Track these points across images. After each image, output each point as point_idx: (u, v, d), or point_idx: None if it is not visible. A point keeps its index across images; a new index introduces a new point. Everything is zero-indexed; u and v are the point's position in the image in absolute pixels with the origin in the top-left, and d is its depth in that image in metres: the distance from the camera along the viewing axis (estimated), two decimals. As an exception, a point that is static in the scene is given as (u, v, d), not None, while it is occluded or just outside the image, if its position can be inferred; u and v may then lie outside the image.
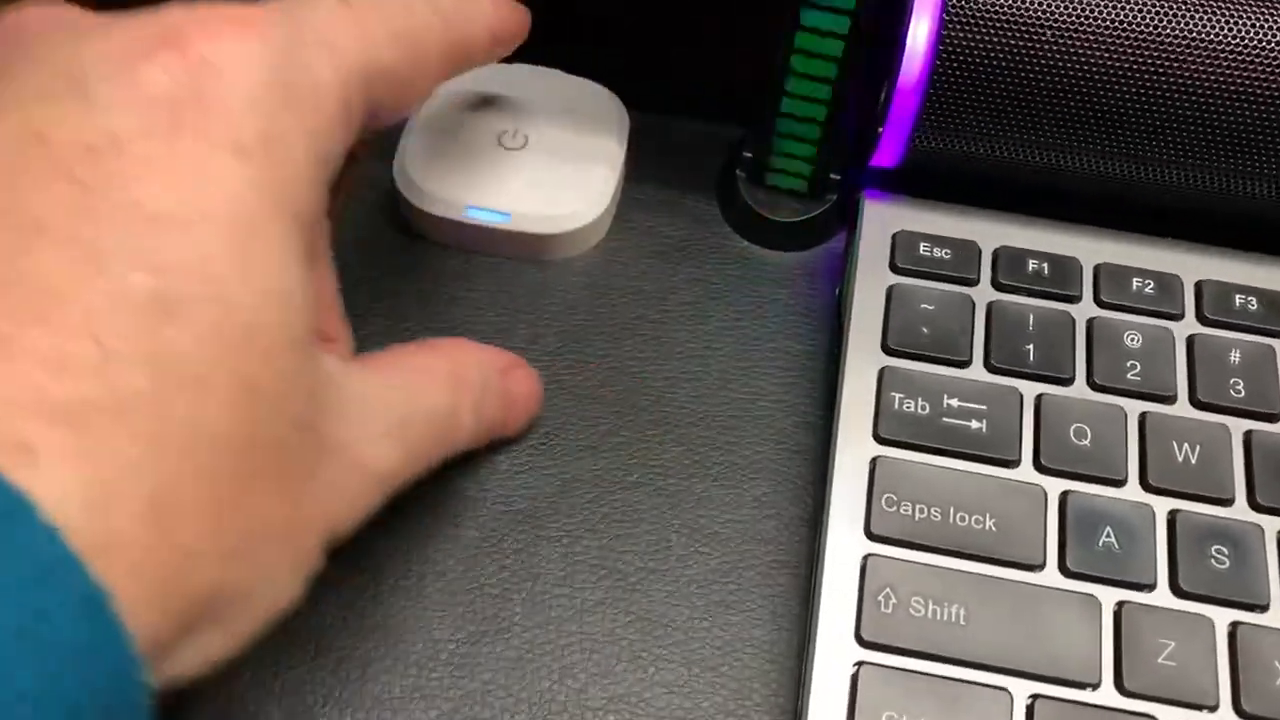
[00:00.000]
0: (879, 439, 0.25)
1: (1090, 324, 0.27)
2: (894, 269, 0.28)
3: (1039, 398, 0.26)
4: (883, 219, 0.29)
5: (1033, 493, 0.25)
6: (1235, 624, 0.23)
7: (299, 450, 0.19)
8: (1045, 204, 0.29)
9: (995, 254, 0.28)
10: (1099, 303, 0.28)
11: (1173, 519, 0.24)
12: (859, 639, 0.23)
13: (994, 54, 0.26)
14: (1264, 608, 0.23)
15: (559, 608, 0.25)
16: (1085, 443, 0.25)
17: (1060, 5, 0.26)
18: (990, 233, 0.29)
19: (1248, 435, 0.26)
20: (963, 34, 0.26)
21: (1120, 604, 0.23)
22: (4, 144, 0.17)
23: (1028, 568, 0.24)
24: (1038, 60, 0.26)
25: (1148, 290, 0.28)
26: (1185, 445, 0.25)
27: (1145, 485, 0.25)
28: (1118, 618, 0.23)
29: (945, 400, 0.26)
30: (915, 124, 0.28)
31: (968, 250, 0.28)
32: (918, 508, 0.24)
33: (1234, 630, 0.23)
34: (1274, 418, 0.26)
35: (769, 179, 0.31)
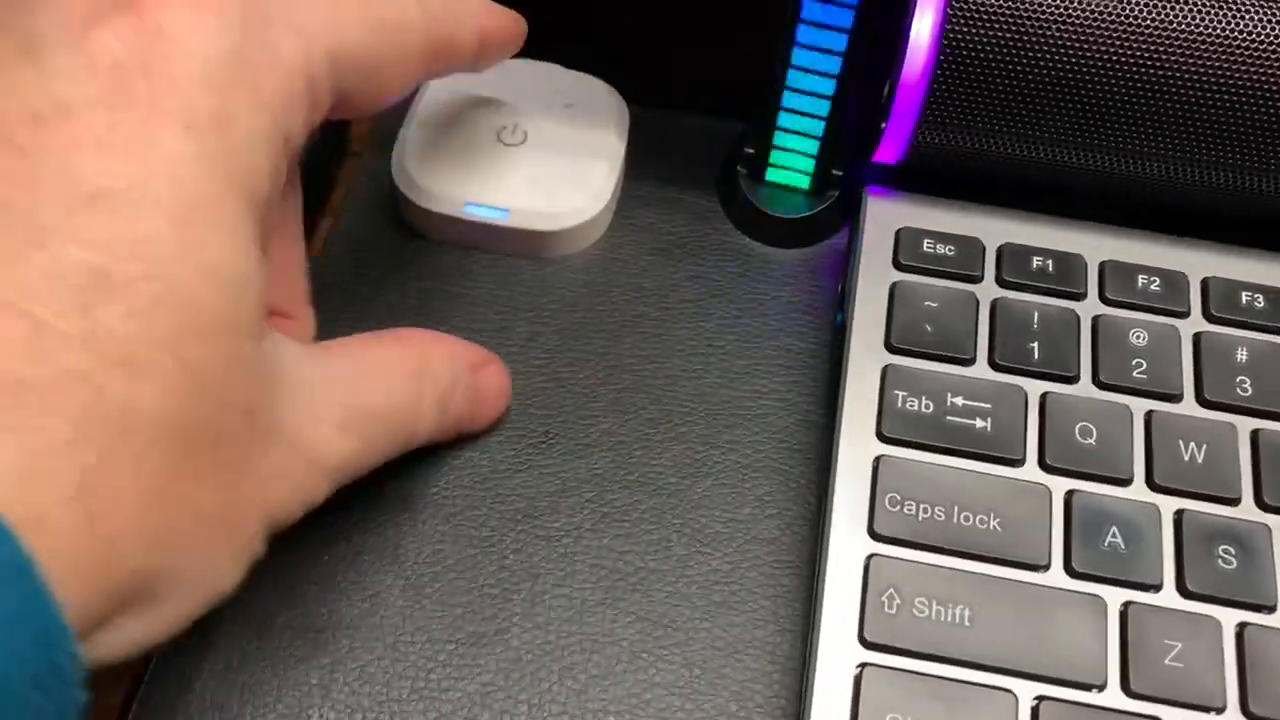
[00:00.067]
0: (882, 438, 0.25)
1: (1095, 321, 0.27)
2: (897, 266, 0.28)
3: (1044, 396, 0.26)
4: (885, 215, 0.29)
5: (1038, 492, 0.24)
6: (1243, 625, 0.23)
7: (238, 437, 0.19)
8: (1050, 200, 0.29)
9: (999, 251, 0.28)
10: (1104, 300, 0.27)
11: (1179, 519, 0.24)
12: (862, 640, 0.23)
13: (998, 49, 0.26)
14: (1271, 608, 0.23)
15: (558, 608, 0.25)
16: (1091, 442, 0.25)
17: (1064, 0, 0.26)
18: (994, 229, 0.28)
19: (1255, 434, 0.25)
20: (966, 28, 0.26)
21: (1126, 605, 0.23)
22: None
23: (1033, 568, 0.24)
24: (1042, 55, 0.26)
25: (1153, 287, 0.28)
26: (1192, 444, 0.25)
27: (1151, 485, 0.25)
28: (1124, 619, 0.23)
29: (949, 399, 0.26)
30: (918, 119, 0.27)
31: (971, 247, 0.28)
32: (921, 507, 0.24)
33: (1241, 631, 0.23)
34: (1282, 416, 0.26)
35: (770, 175, 0.30)
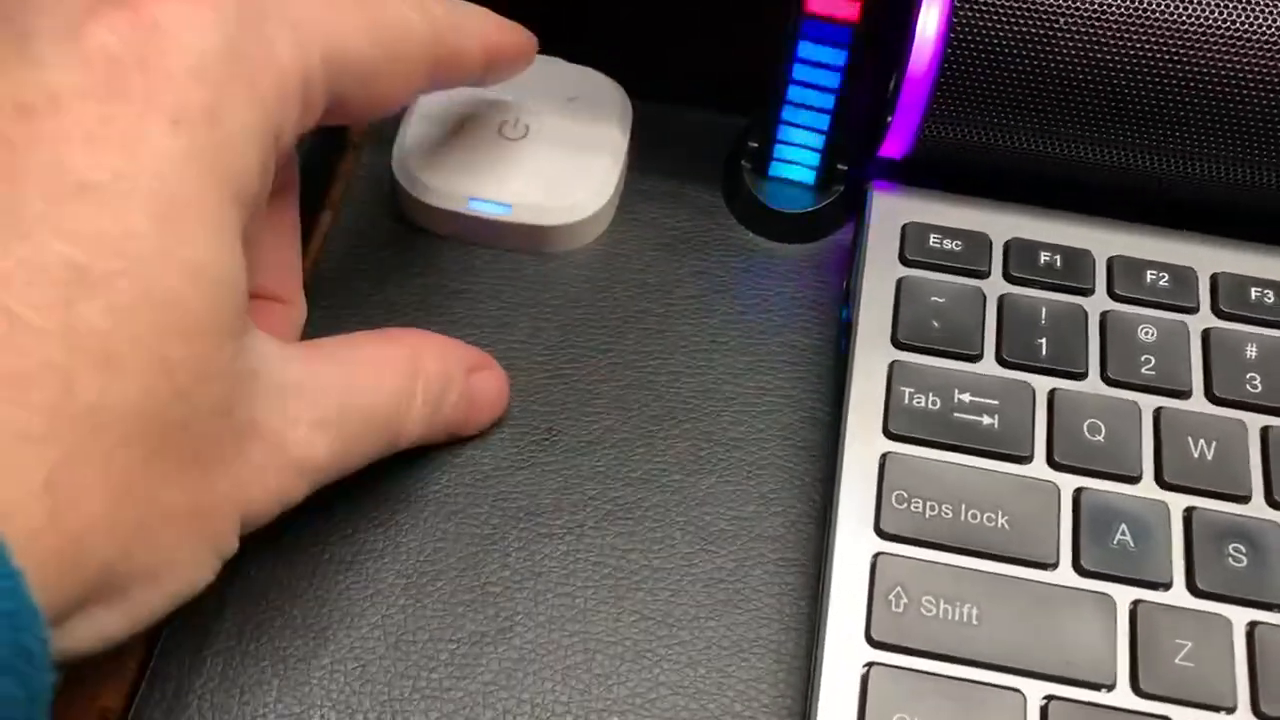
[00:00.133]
0: (889, 435, 0.25)
1: (1104, 317, 0.27)
2: (903, 261, 0.28)
3: (1052, 392, 0.26)
4: (891, 210, 0.28)
5: (1046, 489, 0.24)
6: (1253, 624, 0.23)
7: (213, 435, 0.19)
8: (1057, 195, 0.29)
9: (1006, 246, 0.28)
10: (1112, 296, 0.27)
11: (1189, 516, 0.24)
12: (869, 639, 0.22)
13: (1005, 41, 0.26)
14: (1283, 607, 0.23)
15: (561, 607, 0.24)
16: (1099, 438, 0.25)
17: (1074, -9, 0.25)
18: (1001, 224, 0.28)
19: (1265, 431, 0.25)
20: (973, 21, 0.26)
21: (1135, 603, 0.23)
22: None
23: (1041, 566, 0.23)
24: (1050, 48, 0.26)
25: (1162, 283, 0.27)
26: (1201, 441, 0.25)
27: (1160, 482, 0.25)
28: (1133, 617, 0.23)
29: (956, 395, 0.25)
30: (925, 113, 0.27)
31: (978, 242, 0.28)
32: (928, 505, 0.24)
33: (1252, 630, 0.23)
34: (1292, 413, 0.26)
35: (775, 170, 0.30)
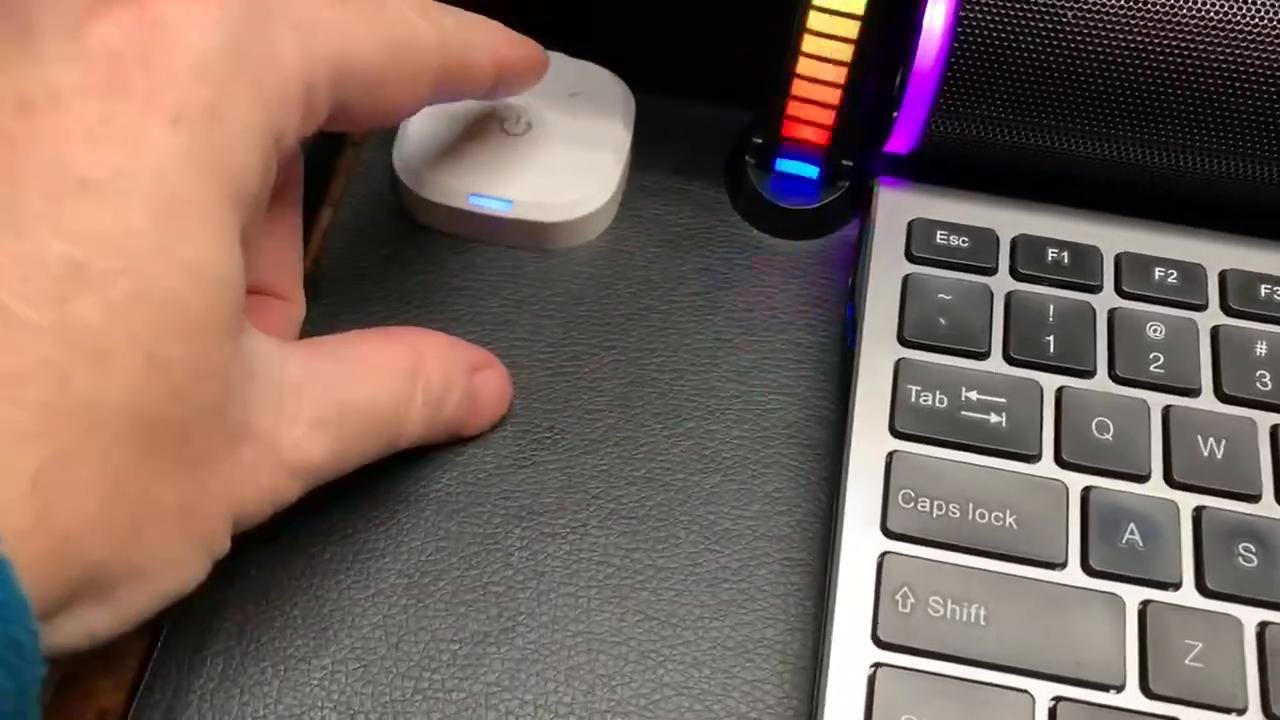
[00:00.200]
0: (895, 433, 0.25)
1: (1112, 315, 0.27)
2: (910, 258, 0.27)
3: (1060, 390, 0.25)
4: (897, 206, 0.28)
5: (1054, 488, 0.24)
6: (1264, 624, 0.23)
7: (207, 435, 0.19)
8: (1065, 191, 0.29)
9: (1014, 243, 0.28)
10: (1121, 293, 0.27)
11: (1198, 515, 0.24)
12: (876, 640, 0.22)
13: (1013, 36, 0.26)
14: (1294, 607, 0.23)
15: (565, 607, 0.24)
16: (1108, 437, 0.25)
17: (1082, -15, 0.25)
18: (1008, 221, 0.28)
19: (1275, 429, 0.25)
20: (981, 15, 0.25)
21: (1145, 603, 0.23)
22: None
23: (1049, 566, 0.23)
24: (1058, 42, 0.25)
25: (1170, 280, 0.27)
26: (1210, 439, 0.25)
27: (1170, 481, 0.24)
28: (1142, 618, 0.23)
29: (963, 393, 0.25)
30: (931, 108, 0.27)
31: (985, 239, 0.28)
32: (935, 504, 0.24)
33: (1262, 631, 0.22)
34: (1302, 411, 0.25)
35: (779, 165, 0.30)
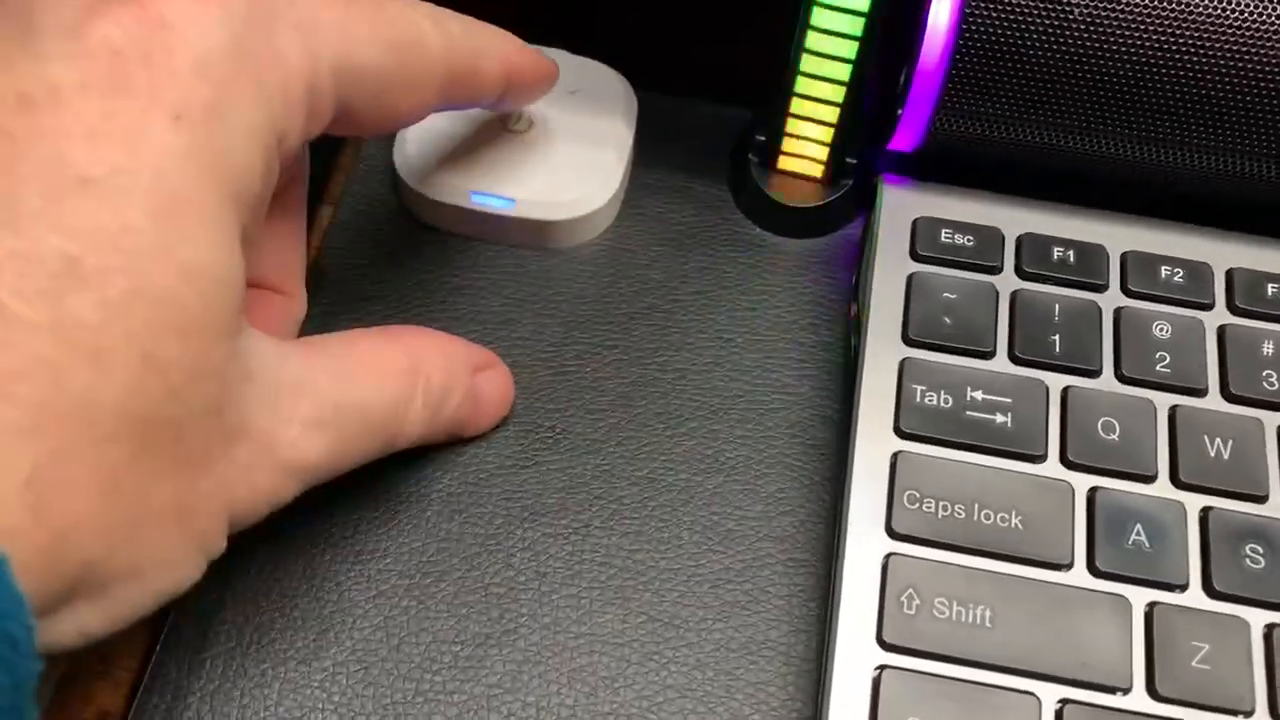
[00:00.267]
0: (900, 433, 0.24)
1: (1118, 314, 0.26)
2: (914, 256, 0.27)
3: (1065, 390, 0.25)
4: (902, 204, 0.28)
5: (1060, 489, 0.24)
6: (1271, 626, 0.22)
7: (203, 434, 0.18)
8: (1070, 189, 0.28)
9: (1019, 241, 0.27)
10: (1126, 292, 0.27)
11: (1205, 516, 0.24)
12: (881, 641, 0.22)
13: (1019, 33, 0.25)
14: (1302, 609, 0.23)
15: (566, 608, 0.24)
16: (1114, 437, 0.25)
17: (1089, -18, 0.25)
18: (1014, 219, 0.28)
19: (1282, 429, 0.25)
20: (986, 13, 0.25)
21: (1151, 605, 0.23)
22: None
23: (1055, 567, 0.23)
24: (1064, 40, 0.25)
25: (1177, 279, 0.27)
26: (1217, 440, 0.25)
27: (1176, 481, 0.24)
28: (1149, 619, 0.22)
29: (968, 393, 0.25)
30: (936, 106, 0.27)
31: (990, 237, 0.27)
32: (941, 505, 0.24)
33: (1270, 632, 0.22)
34: (1309, 411, 0.25)
35: (782, 163, 0.30)
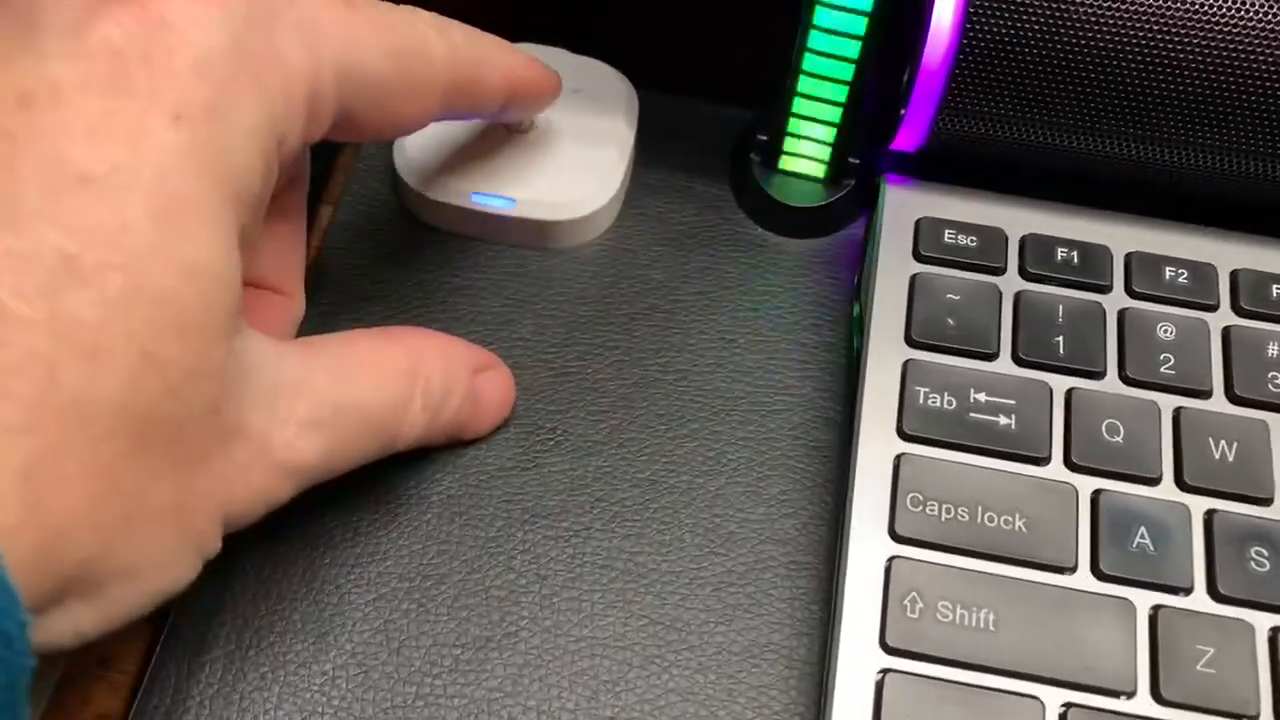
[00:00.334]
0: (903, 435, 0.24)
1: (1122, 315, 0.26)
2: (917, 257, 0.27)
3: (1069, 392, 0.25)
4: (905, 205, 0.28)
5: (1063, 491, 0.24)
6: (1276, 629, 0.22)
7: (199, 434, 0.18)
8: (1074, 190, 0.28)
9: (1022, 242, 0.27)
10: (1131, 293, 0.27)
11: (1209, 519, 0.24)
12: (884, 645, 0.22)
13: (1023, 33, 0.25)
14: (1307, 612, 0.23)
15: (568, 611, 0.24)
16: (1118, 439, 0.24)
17: (1093, -19, 0.25)
18: (1017, 219, 0.28)
19: (1287, 431, 0.25)
20: (990, 11, 0.25)
21: (1156, 608, 0.23)
22: None
23: (1059, 570, 0.23)
24: (1067, 38, 0.25)
25: (1181, 280, 0.27)
26: (1222, 442, 0.24)
27: (1181, 484, 0.24)
28: (1153, 623, 0.22)
29: (972, 395, 0.25)
30: (939, 106, 0.27)
31: (994, 238, 0.27)
32: (944, 507, 0.23)
33: (1275, 636, 0.22)
34: (1315, 413, 0.25)
35: (784, 163, 0.30)
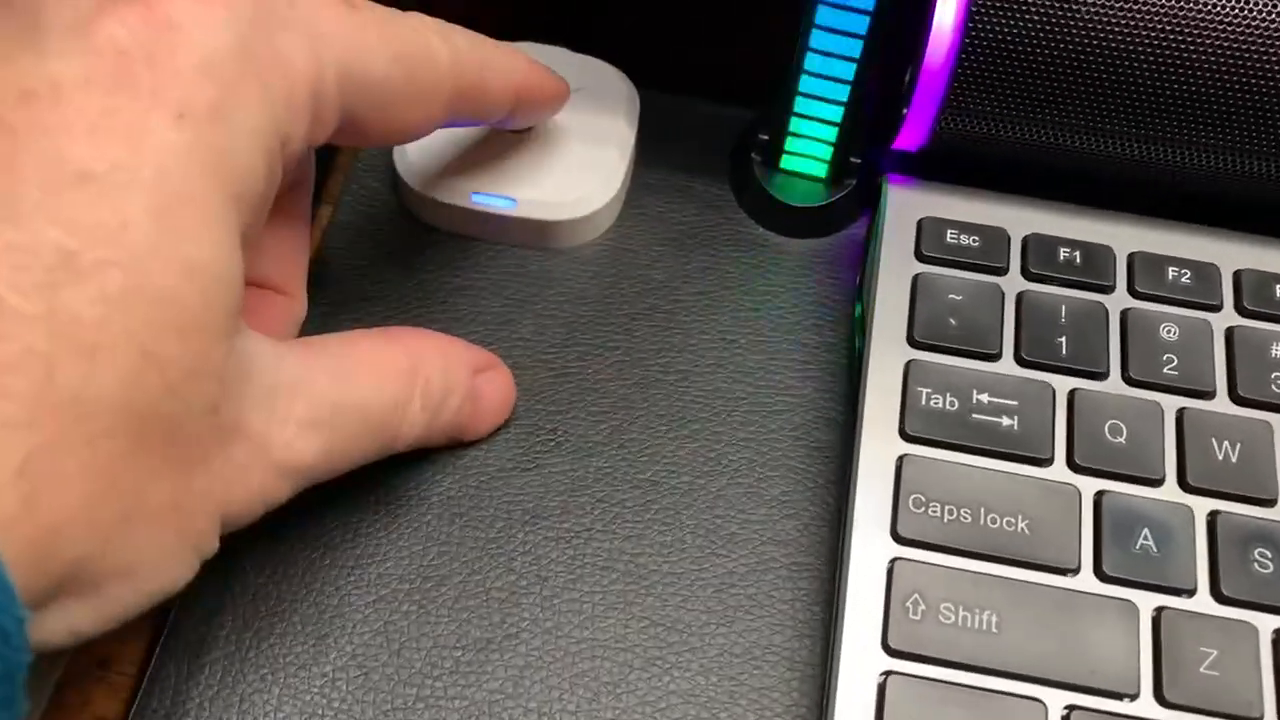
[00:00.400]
0: (905, 436, 0.24)
1: (1125, 315, 0.26)
2: (919, 257, 0.27)
3: (1072, 393, 0.25)
4: (907, 204, 0.28)
5: (1066, 493, 0.24)
6: (1280, 631, 0.22)
7: (198, 433, 0.18)
8: (1077, 189, 0.28)
9: (1025, 242, 0.27)
10: (1133, 293, 0.27)
11: (1213, 520, 0.23)
12: (886, 647, 0.22)
13: (1025, 32, 0.25)
14: (1311, 614, 0.22)
15: (569, 613, 0.24)
16: (1121, 440, 0.24)
17: (1096, -20, 0.25)
18: (1020, 219, 0.28)
19: (1291, 432, 0.25)
20: (992, 11, 0.25)
21: (1159, 610, 0.22)
22: None
23: (1062, 572, 0.23)
24: (1070, 38, 0.25)
25: (1184, 280, 0.27)
26: (1225, 443, 0.24)
27: (1184, 485, 0.24)
28: (1156, 625, 0.22)
29: (974, 395, 0.25)
30: (941, 105, 0.27)
31: (996, 238, 0.27)
32: (946, 509, 0.23)
33: (1278, 638, 0.22)
34: (1318, 414, 0.25)
35: (785, 163, 0.30)
